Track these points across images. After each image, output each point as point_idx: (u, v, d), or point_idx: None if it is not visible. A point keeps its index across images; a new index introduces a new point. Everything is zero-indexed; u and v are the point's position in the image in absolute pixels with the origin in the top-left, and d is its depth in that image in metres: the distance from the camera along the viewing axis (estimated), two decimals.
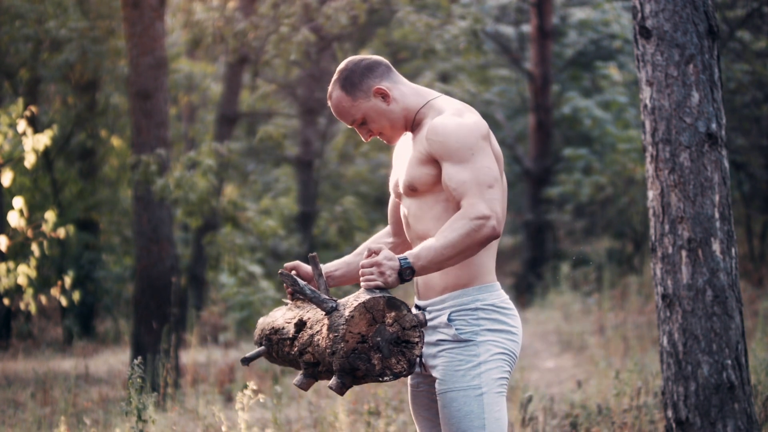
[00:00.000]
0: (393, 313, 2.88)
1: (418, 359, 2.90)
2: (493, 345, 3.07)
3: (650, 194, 4.44)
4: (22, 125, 7.79)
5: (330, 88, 3.19)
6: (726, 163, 4.39)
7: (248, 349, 10.76)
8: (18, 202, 7.68)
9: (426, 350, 3.17)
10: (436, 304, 3.13)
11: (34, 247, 7.93)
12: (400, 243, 3.40)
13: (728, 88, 11.77)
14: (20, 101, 8.32)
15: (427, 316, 3.15)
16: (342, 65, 3.19)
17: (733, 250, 4.34)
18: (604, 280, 12.28)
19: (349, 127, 3.18)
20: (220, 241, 10.09)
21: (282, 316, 3.23)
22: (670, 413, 4.39)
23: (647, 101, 4.43)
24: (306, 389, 3.09)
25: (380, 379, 2.86)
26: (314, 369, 3.03)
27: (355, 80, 3.15)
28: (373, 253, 2.95)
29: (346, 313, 2.87)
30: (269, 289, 10.09)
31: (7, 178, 7.93)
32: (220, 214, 10.12)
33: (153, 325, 8.44)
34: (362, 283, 2.93)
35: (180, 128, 15.94)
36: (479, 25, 11.71)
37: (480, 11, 14.57)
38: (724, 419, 4.28)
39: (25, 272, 7.83)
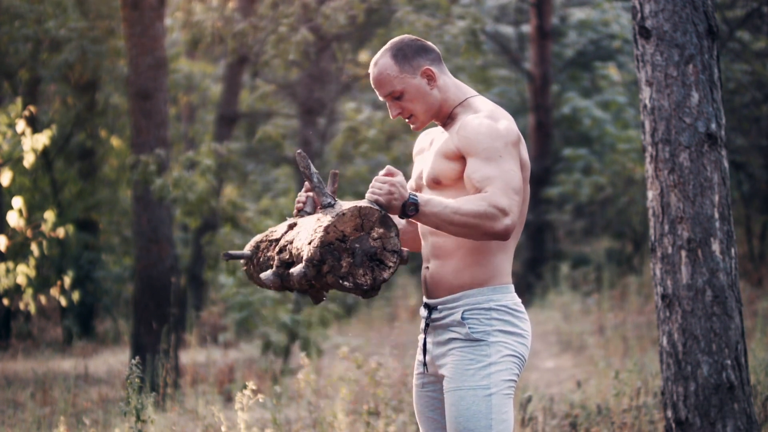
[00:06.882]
0: (381, 230, 2.88)
1: (382, 283, 2.88)
2: (503, 346, 3.08)
3: (650, 194, 4.44)
4: (21, 125, 7.79)
5: (377, 56, 3.17)
6: (725, 163, 4.39)
7: (247, 349, 10.75)
8: (17, 202, 7.68)
9: (435, 350, 3.16)
10: (449, 302, 3.12)
11: (34, 247, 7.94)
12: (411, 231, 3.36)
13: (728, 88, 11.76)
14: (19, 101, 8.33)
15: (439, 315, 3.14)
16: (396, 39, 3.20)
17: (732, 250, 4.34)
18: (604, 281, 12.27)
19: (381, 99, 3.17)
20: (219, 242, 10.07)
21: (281, 229, 3.25)
22: (669, 413, 4.38)
23: (647, 101, 4.43)
24: (272, 287, 3.07)
25: (340, 281, 2.85)
26: (286, 269, 3.02)
27: (408, 53, 3.15)
28: (391, 173, 2.95)
29: (339, 209, 2.89)
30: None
31: (7, 177, 7.93)
32: (219, 214, 10.11)
33: (152, 325, 8.43)
34: (368, 194, 2.93)
35: (179, 128, 15.94)
36: (479, 25, 11.68)
37: (479, 11, 14.55)
38: (723, 419, 4.27)
39: (24, 272, 7.83)
